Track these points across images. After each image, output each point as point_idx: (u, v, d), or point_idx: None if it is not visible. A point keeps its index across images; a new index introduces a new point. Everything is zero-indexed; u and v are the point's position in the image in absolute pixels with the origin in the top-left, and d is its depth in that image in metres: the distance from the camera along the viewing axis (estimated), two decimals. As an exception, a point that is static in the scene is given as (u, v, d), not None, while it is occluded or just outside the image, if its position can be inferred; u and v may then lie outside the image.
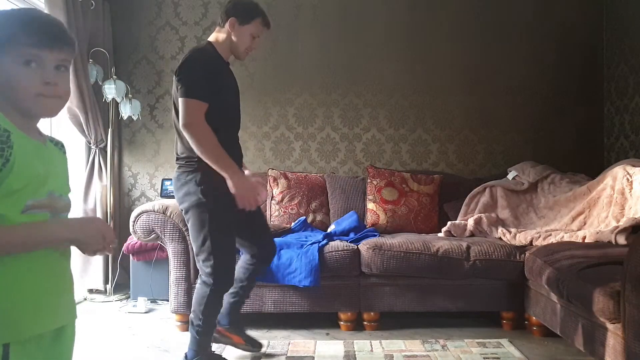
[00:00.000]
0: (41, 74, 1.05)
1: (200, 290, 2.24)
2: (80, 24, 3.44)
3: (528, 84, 4.05)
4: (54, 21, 1.12)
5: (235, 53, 2.33)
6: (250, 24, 2.28)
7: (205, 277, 2.21)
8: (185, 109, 2.08)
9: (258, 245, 2.43)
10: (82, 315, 3.29)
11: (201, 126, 2.08)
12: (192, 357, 2.27)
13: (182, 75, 2.12)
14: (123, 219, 3.75)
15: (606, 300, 1.91)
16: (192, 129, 2.07)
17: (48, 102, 1.07)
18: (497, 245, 2.96)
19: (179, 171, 2.23)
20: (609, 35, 4.00)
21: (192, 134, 2.07)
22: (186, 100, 2.08)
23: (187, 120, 2.07)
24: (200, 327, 2.24)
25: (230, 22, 2.26)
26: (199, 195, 2.15)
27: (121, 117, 3.75)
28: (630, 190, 2.87)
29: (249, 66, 4.01)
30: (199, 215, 2.17)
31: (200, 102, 2.09)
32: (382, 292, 2.94)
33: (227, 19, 2.27)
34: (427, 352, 2.56)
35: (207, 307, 2.22)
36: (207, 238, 2.16)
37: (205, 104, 2.10)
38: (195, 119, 2.07)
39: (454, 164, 4.05)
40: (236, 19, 2.26)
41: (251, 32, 2.29)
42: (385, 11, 4.02)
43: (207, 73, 2.14)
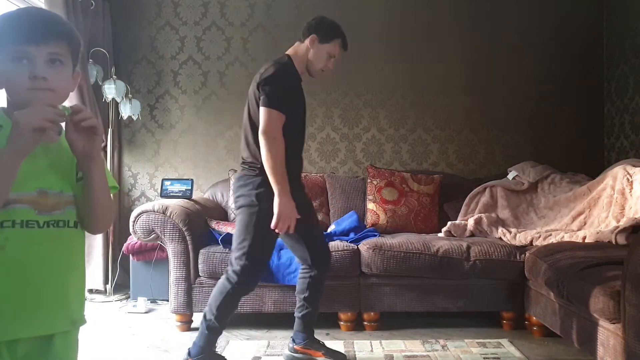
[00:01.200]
0: (31, 69, 1.06)
1: (221, 286, 2.26)
2: (80, 24, 3.44)
3: (528, 83, 4.05)
4: (41, 16, 1.11)
5: (310, 70, 2.41)
6: (330, 43, 2.37)
7: (232, 274, 2.23)
8: (267, 118, 2.17)
9: (310, 251, 2.42)
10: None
11: (278, 138, 2.17)
12: (195, 354, 2.26)
13: (268, 86, 2.20)
14: (123, 219, 3.75)
15: (606, 300, 1.91)
16: (269, 138, 2.15)
17: (40, 95, 1.07)
18: (497, 245, 2.96)
19: (242, 173, 2.32)
20: (609, 35, 4.00)
21: (267, 142, 2.15)
22: (269, 110, 2.17)
23: (267, 129, 2.16)
24: (211, 321, 2.25)
25: (310, 39, 2.35)
26: (253, 198, 2.22)
27: (121, 117, 3.75)
28: (631, 190, 2.87)
29: (249, 66, 4.02)
30: (247, 215, 2.23)
31: (280, 114, 2.18)
32: (382, 292, 2.94)
33: (308, 35, 2.36)
34: (427, 352, 2.56)
35: (224, 302, 2.24)
36: (247, 239, 2.21)
37: (284, 116, 2.19)
38: (274, 129, 2.16)
39: (454, 164, 4.05)
40: (317, 37, 2.35)
41: (329, 52, 2.37)
42: (385, 11, 4.03)
43: (289, 88, 2.26)
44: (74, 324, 1.16)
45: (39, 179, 1.08)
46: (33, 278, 1.08)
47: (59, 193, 1.11)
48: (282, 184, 2.16)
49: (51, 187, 1.10)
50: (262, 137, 2.16)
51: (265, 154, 2.15)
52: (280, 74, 2.24)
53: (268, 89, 2.20)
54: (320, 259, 2.45)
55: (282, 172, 2.16)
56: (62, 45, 1.10)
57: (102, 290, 3.66)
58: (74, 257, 1.16)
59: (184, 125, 4.03)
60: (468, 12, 4.03)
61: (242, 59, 4.03)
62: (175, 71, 4.03)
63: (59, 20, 1.13)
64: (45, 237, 1.09)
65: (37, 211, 1.07)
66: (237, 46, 4.03)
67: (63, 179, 1.13)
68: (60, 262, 1.12)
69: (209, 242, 3.00)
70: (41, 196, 1.08)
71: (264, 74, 2.25)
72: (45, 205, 1.08)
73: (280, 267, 2.86)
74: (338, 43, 2.39)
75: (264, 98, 2.19)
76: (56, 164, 1.12)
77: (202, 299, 2.92)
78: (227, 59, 4.03)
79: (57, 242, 1.11)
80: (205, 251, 2.92)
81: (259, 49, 4.02)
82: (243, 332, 2.94)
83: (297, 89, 2.33)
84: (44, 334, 1.09)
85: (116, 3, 3.95)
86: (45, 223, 1.08)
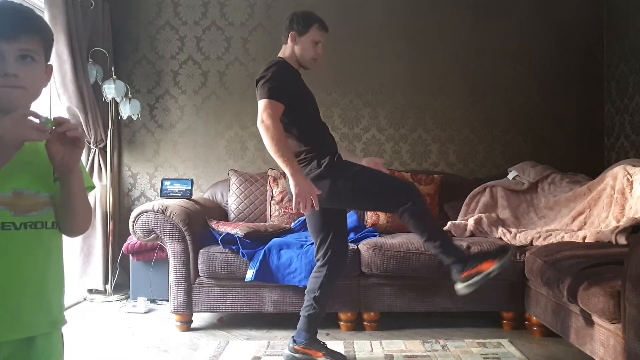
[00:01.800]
0: (1, 66, 1.03)
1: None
2: (80, 23, 3.44)
3: (528, 83, 4.05)
4: (12, 10, 1.08)
5: (303, 64, 2.46)
6: (309, 32, 2.42)
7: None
8: (264, 108, 2.23)
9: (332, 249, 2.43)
10: (82, 315, 3.28)
11: (275, 125, 2.20)
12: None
13: (260, 81, 2.28)
14: (123, 219, 3.75)
15: (606, 300, 1.90)
16: (267, 127, 2.20)
17: (11, 93, 1.04)
18: (498, 245, 2.95)
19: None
20: (609, 35, 4.00)
21: (265, 130, 2.21)
22: (265, 101, 2.23)
23: (264, 118, 2.21)
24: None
25: (291, 37, 2.43)
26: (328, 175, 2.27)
27: (121, 117, 3.75)
28: (631, 190, 2.87)
29: (249, 66, 4.01)
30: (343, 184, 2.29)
31: (278, 103, 2.23)
32: (382, 292, 2.94)
33: (288, 35, 2.44)
34: (427, 352, 2.55)
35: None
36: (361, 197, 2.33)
37: (281, 105, 2.24)
38: (271, 118, 2.20)
39: (454, 164, 4.05)
40: (295, 32, 2.42)
41: (312, 40, 2.43)
42: (385, 11, 4.02)
43: (285, 79, 2.31)
44: (55, 325, 1.14)
45: (14, 180, 1.05)
46: (11, 281, 1.05)
47: (35, 194, 1.08)
48: (289, 163, 2.19)
49: (27, 187, 1.07)
50: (260, 126, 2.23)
51: (266, 140, 2.21)
52: (273, 69, 2.31)
53: (260, 83, 2.29)
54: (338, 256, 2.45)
55: (287, 153, 2.20)
56: (34, 41, 1.07)
57: (102, 290, 3.66)
58: (52, 258, 1.13)
59: (184, 125, 4.03)
60: (469, 12, 4.03)
61: (242, 59, 4.03)
62: (175, 71, 4.02)
63: (30, 15, 1.09)
64: (22, 239, 1.06)
65: (13, 213, 1.04)
66: (237, 46, 4.03)
67: (39, 179, 1.10)
68: (39, 264, 1.09)
69: (209, 242, 3.00)
70: (17, 197, 1.05)
71: (259, 74, 2.34)
72: (21, 206, 1.05)
73: (280, 267, 2.85)
74: (316, 28, 2.44)
75: (259, 92, 2.28)
76: (32, 164, 1.09)
77: (202, 299, 2.92)
78: (227, 58, 4.03)
79: (35, 243, 1.08)
80: (205, 251, 2.92)
81: (259, 49, 4.02)
82: (243, 332, 2.94)
83: (297, 81, 2.40)
84: (25, 336, 1.07)
85: (116, 3, 3.95)
86: (22, 224, 1.05)
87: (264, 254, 2.87)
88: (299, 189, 2.17)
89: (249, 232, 3.00)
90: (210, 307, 2.94)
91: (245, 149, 4.03)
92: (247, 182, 3.65)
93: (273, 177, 3.59)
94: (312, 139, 2.35)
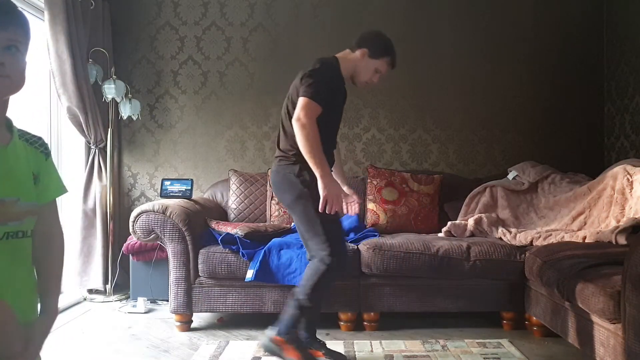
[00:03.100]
0: None
1: (313, 266, 2.33)
2: (80, 23, 3.44)
3: (528, 84, 4.05)
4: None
5: (355, 80, 2.50)
6: (379, 60, 2.45)
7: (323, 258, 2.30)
8: (303, 107, 2.25)
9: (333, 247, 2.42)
10: (82, 315, 3.28)
11: (312, 125, 2.23)
12: (283, 331, 2.33)
13: (312, 79, 2.29)
14: (123, 219, 3.75)
15: (606, 300, 1.91)
16: (302, 125, 2.22)
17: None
18: (498, 245, 2.96)
19: (278, 165, 2.40)
20: (609, 35, 4.00)
21: (301, 129, 2.22)
22: (308, 100, 2.25)
23: (300, 116, 2.23)
24: (302, 301, 2.31)
25: (362, 51, 2.44)
26: (300, 186, 2.31)
27: (121, 117, 3.75)
28: (631, 190, 2.87)
29: (249, 66, 4.02)
30: (303, 206, 2.31)
31: (318, 106, 2.26)
32: (382, 292, 2.94)
33: (360, 47, 2.44)
34: (427, 353, 2.55)
35: (318, 283, 2.30)
36: (318, 226, 2.29)
37: (320, 107, 2.27)
38: (309, 118, 2.23)
39: (454, 164, 4.05)
40: (368, 51, 2.43)
41: (376, 67, 2.47)
42: (385, 11, 4.02)
43: (330, 85, 2.35)
44: None
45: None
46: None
47: (15, 201, 1.04)
48: (321, 166, 2.22)
49: (7, 195, 1.03)
50: (296, 123, 2.24)
51: (300, 139, 2.22)
52: (323, 70, 2.33)
53: (309, 80, 2.28)
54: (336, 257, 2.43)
55: (319, 155, 2.23)
56: (19, 32, 1.07)
57: (102, 291, 3.66)
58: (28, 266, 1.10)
59: (184, 125, 4.03)
60: (469, 12, 4.03)
61: (242, 59, 4.03)
62: (175, 71, 4.02)
63: (16, 7, 1.09)
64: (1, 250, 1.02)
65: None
66: (237, 46, 4.03)
67: (19, 186, 1.06)
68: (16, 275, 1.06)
69: (209, 242, 3.00)
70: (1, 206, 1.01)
71: (309, 67, 2.34)
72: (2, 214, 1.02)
73: (280, 267, 2.85)
74: (387, 61, 2.47)
75: (304, 88, 2.28)
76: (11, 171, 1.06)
77: (202, 299, 2.92)
78: (227, 59, 4.03)
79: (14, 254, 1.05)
80: (205, 251, 2.92)
81: (259, 49, 4.02)
82: (243, 332, 2.94)
83: (339, 89, 2.43)
84: None
85: (116, 3, 3.95)
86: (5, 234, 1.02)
87: (264, 254, 2.87)
88: (328, 191, 2.21)
89: (249, 232, 3.00)
90: (210, 307, 2.94)
91: (245, 149, 4.03)
92: (247, 182, 3.65)
93: (273, 177, 3.59)
94: None
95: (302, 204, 2.31)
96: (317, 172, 2.23)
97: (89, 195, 3.65)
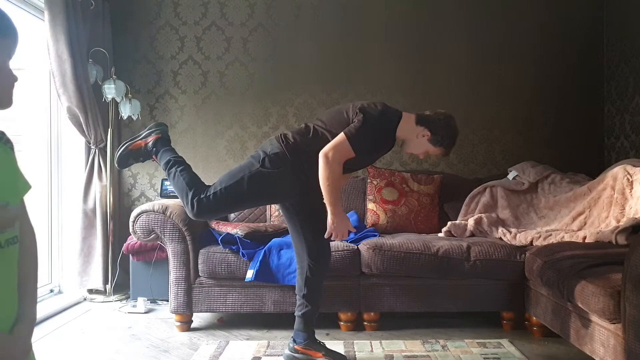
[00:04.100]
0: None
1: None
2: (80, 23, 3.44)
3: (528, 83, 4.05)
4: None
5: (403, 145, 2.44)
6: (436, 147, 2.40)
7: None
8: (337, 145, 2.21)
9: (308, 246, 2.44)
10: (82, 315, 3.28)
11: (337, 166, 2.21)
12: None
13: (364, 119, 2.24)
14: (123, 219, 3.75)
15: (606, 300, 1.91)
16: (327, 162, 2.20)
17: None
18: (498, 245, 2.96)
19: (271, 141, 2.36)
20: (609, 35, 4.00)
21: (325, 166, 2.20)
22: (347, 141, 2.21)
23: (330, 153, 2.20)
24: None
25: (423, 131, 2.36)
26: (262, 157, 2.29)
27: (121, 117, 3.75)
28: (631, 190, 2.87)
29: (249, 66, 4.02)
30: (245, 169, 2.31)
31: (352, 152, 2.22)
32: (382, 292, 2.94)
33: (426, 127, 2.35)
34: (427, 353, 2.56)
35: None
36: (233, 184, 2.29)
37: (354, 154, 2.24)
38: (337, 160, 2.21)
39: (454, 164, 4.05)
40: (430, 135, 2.35)
41: (430, 150, 2.42)
42: (385, 11, 4.02)
43: (377, 138, 2.30)
44: None
45: None
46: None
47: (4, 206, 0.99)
48: (335, 204, 2.24)
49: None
50: (322, 157, 2.21)
51: (321, 173, 2.21)
52: (379, 121, 2.28)
53: (362, 122, 2.24)
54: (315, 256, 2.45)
55: (336, 194, 2.24)
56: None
57: (102, 290, 3.66)
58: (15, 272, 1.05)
59: (184, 125, 4.03)
60: (469, 12, 4.03)
61: (242, 59, 4.03)
62: (175, 71, 4.02)
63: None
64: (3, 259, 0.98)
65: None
66: (237, 46, 4.03)
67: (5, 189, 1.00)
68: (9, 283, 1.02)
69: (209, 242, 3.00)
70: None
71: (371, 106, 2.31)
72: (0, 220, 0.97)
73: (280, 267, 2.85)
74: (442, 149, 2.42)
75: (352, 126, 2.24)
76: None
77: (202, 299, 2.92)
78: (227, 58, 4.03)
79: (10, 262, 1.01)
80: (205, 251, 2.92)
81: (259, 49, 4.02)
82: (243, 332, 2.94)
83: (385, 144, 2.38)
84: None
85: (116, 3, 3.95)
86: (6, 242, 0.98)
87: (264, 254, 2.87)
88: (337, 225, 2.26)
89: (249, 232, 3.00)
90: (210, 307, 2.94)
91: (245, 149, 4.02)
92: (247, 182, 3.64)
93: (273, 177, 3.59)
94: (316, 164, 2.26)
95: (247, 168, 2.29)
96: (330, 208, 2.25)
97: (89, 195, 3.65)
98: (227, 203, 2.33)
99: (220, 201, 2.28)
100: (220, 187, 2.28)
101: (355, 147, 2.21)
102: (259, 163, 2.28)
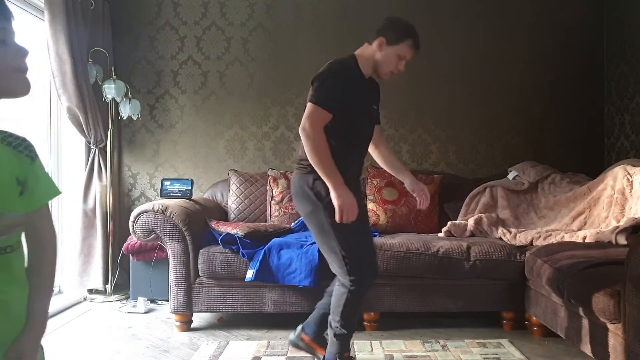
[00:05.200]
0: None
1: (338, 292, 2.20)
2: (80, 23, 3.43)
3: (528, 84, 4.05)
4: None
5: (379, 73, 2.31)
6: (399, 45, 2.25)
7: (343, 280, 2.16)
8: (309, 115, 2.09)
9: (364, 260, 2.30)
10: (82, 315, 3.28)
11: (317, 134, 2.07)
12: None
13: (317, 82, 2.13)
14: (123, 219, 3.75)
15: (606, 300, 1.91)
16: (306, 135, 2.07)
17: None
18: (498, 245, 2.96)
19: (294, 174, 2.25)
20: (609, 35, 4.00)
21: (307, 139, 2.08)
22: (314, 107, 2.09)
23: (305, 124, 2.08)
24: (338, 328, 2.21)
25: (379, 41, 2.25)
26: (313, 198, 2.15)
27: (121, 117, 3.75)
28: (631, 190, 2.87)
29: (249, 66, 4.02)
30: (317, 219, 2.16)
31: (325, 112, 2.09)
32: (382, 292, 2.94)
33: (377, 37, 2.26)
34: (427, 353, 2.55)
35: (346, 308, 2.17)
36: (333, 239, 2.13)
37: (329, 114, 2.10)
38: (312, 125, 2.07)
39: (454, 164, 4.05)
40: (385, 39, 2.24)
41: (398, 54, 2.26)
42: (385, 11, 4.00)
43: (342, 87, 2.14)
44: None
45: None
46: None
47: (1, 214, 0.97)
48: (332, 176, 2.08)
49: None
50: (301, 132, 2.09)
51: (307, 151, 2.08)
52: (333, 72, 2.16)
53: (316, 85, 2.13)
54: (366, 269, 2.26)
55: (328, 165, 2.08)
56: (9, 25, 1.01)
57: (102, 290, 3.66)
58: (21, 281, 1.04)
59: (184, 125, 4.03)
60: (468, 12, 4.03)
61: (242, 59, 4.03)
62: (175, 71, 4.02)
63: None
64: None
65: None
66: (237, 46, 4.02)
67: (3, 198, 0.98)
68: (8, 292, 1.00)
69: (209, 242, 3.00)
70: None
71: (319, 71, 2.19)
72: None
73: (280, 267, 2.85)
74: (409, 44, 2.27)
75: (311, 93, 2.13)
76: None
77: (202, 299, 2.92)
78: (227, 59, 4.03)
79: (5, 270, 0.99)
80: (205, 251, 2.92)
81: (259, 49, 4.02)
82: (243, 332, 2.94)
83: (357, 89, 2.21)
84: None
85: (116, 3, 3.95)
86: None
87: (264, 254, 2.87)
88: (342, 200, 2.06)
89: (249, 232, 3.00)
90: (210, 307, 2.94)
91: (245, 149, 4.03)
92: (247, 182, 3.65)
93: (273, 177, 3.59)
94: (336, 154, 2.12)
95: (316, 217, 2.16)
96: (329, 183, 2.08)
97: (89, 195, 3.65)
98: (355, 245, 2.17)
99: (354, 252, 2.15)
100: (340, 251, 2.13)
101: (326, 105, 2.07)
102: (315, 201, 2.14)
